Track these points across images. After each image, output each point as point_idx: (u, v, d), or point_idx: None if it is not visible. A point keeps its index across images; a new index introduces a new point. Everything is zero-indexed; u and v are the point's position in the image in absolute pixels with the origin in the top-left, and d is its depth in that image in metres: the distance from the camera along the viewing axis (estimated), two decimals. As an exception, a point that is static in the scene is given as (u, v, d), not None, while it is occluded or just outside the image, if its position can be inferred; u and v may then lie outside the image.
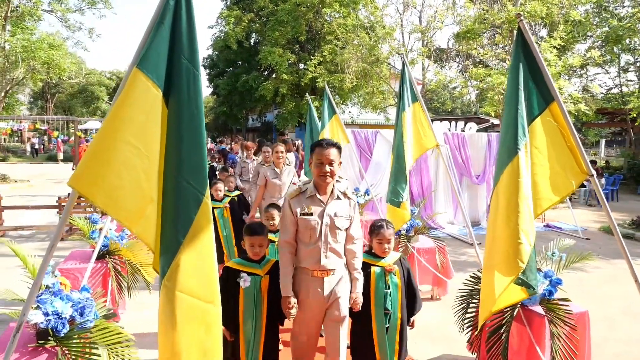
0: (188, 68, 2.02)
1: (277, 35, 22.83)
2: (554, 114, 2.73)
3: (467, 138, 10.09)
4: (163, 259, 2.08)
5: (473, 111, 32.53)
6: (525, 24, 2.61)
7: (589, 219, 11.40)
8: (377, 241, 3.32)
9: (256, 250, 3.12)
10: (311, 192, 2.96)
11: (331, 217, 2.94)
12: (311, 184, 3.00)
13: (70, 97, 41.73)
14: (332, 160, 2.86)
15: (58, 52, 15.53)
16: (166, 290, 2.06)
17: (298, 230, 2.97)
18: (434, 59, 19.38)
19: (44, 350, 2.76)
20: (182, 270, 2.04)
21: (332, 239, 2.95)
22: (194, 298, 2.09)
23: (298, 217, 2.93)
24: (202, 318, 2.13)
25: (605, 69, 20.82)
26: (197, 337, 2.12)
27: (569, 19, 14.95)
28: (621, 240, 2.71)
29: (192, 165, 2.05)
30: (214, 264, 2.18)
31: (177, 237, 2.04)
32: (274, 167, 5.94)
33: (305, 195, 2.97)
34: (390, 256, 3.35)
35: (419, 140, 4.87)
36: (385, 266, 3.27)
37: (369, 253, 3.38)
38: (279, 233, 3.12)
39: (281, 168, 5.94)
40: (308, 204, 2.94)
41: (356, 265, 3.09)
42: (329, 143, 2.94)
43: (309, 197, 2.96)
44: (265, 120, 34.82)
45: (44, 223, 9.03)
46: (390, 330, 3.20)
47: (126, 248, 4.67)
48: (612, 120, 22.99)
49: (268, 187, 5.91)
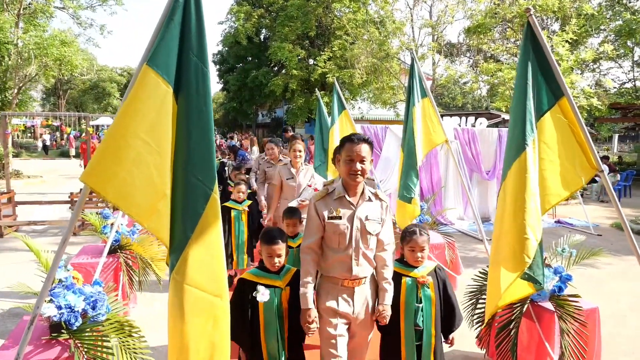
0: (197, 65, 2.04)
1: (286, 31, 22.81)
2: (563, 110, 2.71)
3: (478, 133, 10.02)
4: (172, 253, 2.13)
5: (484, 106, 32.31)
6: (534, 18, 2.59)
7: (601, 215, 11.28)
8: (409, 249, 2.98)
9: (274, 260, 2.81)
10: (339, 193, 2.70)
11: (362, 221, 2.68)
12: (339, 184, 2.74)
13: (81, 93, 42.15)
14: (363, 157, 2.58)
15: (70, 48, 15.66)
16: (175, 283, 2.11)
17: (325, 236, 2.71)
18: (444, 53, 19.27)
19: (57, 343, 2.81)
20: (191, 264, 2.09)
21: (363, 244, 2.69)
22: (202, 291, 2.13)
23: (325, 221, 2.66)
24: (210, 311, 2.16)
25: (618, 63, 20.54)
26: (205, 330, 2.15)
27: (582, 12, 14.78)
28: (631, 235, 2.69)
29: (201, 161, 2.08)
30: (222, 258, 2.21)
31: (185, 232, 2.08)
32: (290, 166, 5.41)
33: (333, 196, 2.71)
34: (424, 266, 3.00)
35: (428, 135, 4.86)
36: (417, 277, 2.93)
37: (400, 261, 3.05)
38: (302, 238, 2.84)
39: (298, 168, 5.37)
40: (336, 207, 2.68)
41: (386, 275, 2.78)
42: (360, 138, 2.63)
43: (337, 199, 2.70)
44: (275, 116, 34.87)
45: (57, 218, 9.13)
46: (424, 349, 2.86)
47: (137, 243, 4.72)
48: (626, 115, 22.68)
49: (283, 188, 5.41)
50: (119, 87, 42.51)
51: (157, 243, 4.93)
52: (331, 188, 2.74)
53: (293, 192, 5.31)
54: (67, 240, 1.90)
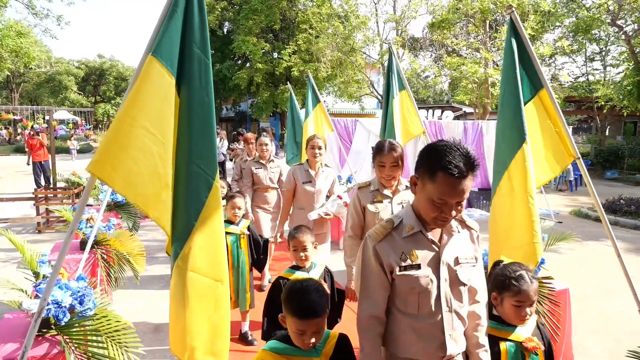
0: (200, 56, 2.08)
1: (250, 24, 22.65)
2: (543, 100, 2.88)
3: (444, 126, 10.30)
4: (176, 242, 2.16)
5: (445, 100, 33.02)
6: (517, 15, 2.73)
7: (560, 203, 11.81)
8: (515, 303, 2.04)
9: (308, 339, 1.83)
10: (412, 228, 1.80)
11: (451, 268, 1.81)
12: (407, 213, 1.84)
13: (36, 86, 40.48)
14: (464, 189, 1.64)
15: (27, 40, 15.06)
16: (179, 270, 2.16)
17: (394, 295, 1.83)
18: (408, 48, 19.57)
19: (44, 340, 2.76)
20: (194, 251, 2.14)
21: (457, 302, 1.82)
22: (204, 277, 2.20)
23: (396, 273, 1.77)
24: (211, 295, 2.23)
25: (572, 58, 21.42)
26: (207, 314, 2.22)
27: (538, 9, 15.33)
28: (606, 220, 2.87)
29: (203, 151, 2.13)
30: (222, 244, 2.28)
31: (189, 220, 2.13)
32: (307, 166, 4.42)
33: (402, 233, 1.80)
34: (528, 325, 2.13)
35: (406, 127, 4.98)
36: (523, 342, 2.07)
37: (494, 319, 2.14)
38: (359, 302, 1.91)
39: (317, 169, 4.42)
40: (410, 249, 1.78)
41: (481, 340, 1.92)
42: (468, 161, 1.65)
43: (410, 237, 1.80)
44: (239, 109, 34.54)
45: (20, 215, 8.82)
46: None
47: (114, 238, 4.64)
48: (579, 108, 23.74)
49: (297, 195, 4.42)
50: (76, 80, 41.05)
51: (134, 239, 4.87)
52: (396, 219, 1.84)
53: (311, 200, 4.37)
54: (73, 232, 1.89)
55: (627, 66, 16.66)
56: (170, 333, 2.28)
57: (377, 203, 3.12)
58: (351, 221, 3.22)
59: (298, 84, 23.03)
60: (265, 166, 5.34)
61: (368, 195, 3.17)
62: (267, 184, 5.34)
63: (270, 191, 5.43)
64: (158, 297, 5.16)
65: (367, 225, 3.11)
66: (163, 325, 4.46)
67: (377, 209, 3.11)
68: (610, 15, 15.85)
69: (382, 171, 3.06)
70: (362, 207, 3.17)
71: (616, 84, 17.84)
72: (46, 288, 2.08)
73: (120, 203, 6.30)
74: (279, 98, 24.13)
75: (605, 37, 19.05)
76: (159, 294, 5.25)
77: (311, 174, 4.38)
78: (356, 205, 3.19)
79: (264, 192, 5.39)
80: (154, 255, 6.60)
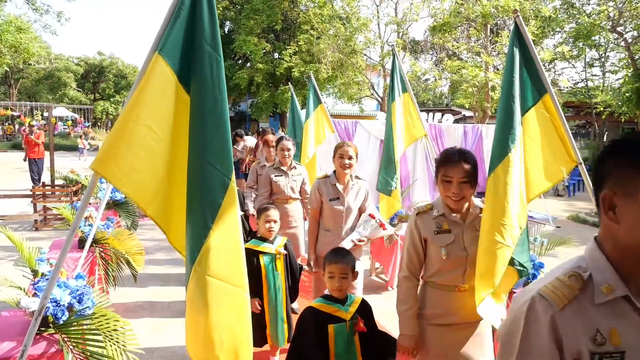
0: (210, 53, 2.03)
1: (252, 24, 22.63)
2: (546, 105, 2.87)
3: (444, 129, 10.31)
4: (192, 245, 2.07)
5: (445, 103, 33.08)
6: (521, 19, 2.72)
7: (558, 208, 11.84)
8: None
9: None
10: (611, 290, 1.07)
11: None
12: (596, 260, 1.14)
13: (35, 83, 40.36)
14: None
15: (26, 35, 15.02)
16: (197, 275, 2.05)
17: None
18: (409, 50, 19.58)
19: (42, 338, 2.74)
20: (212, 255, 2.04)
21: None
22: (224, 282, 2.09)
23: None
24: (232, 302, 2.12)
25: (572, 63, 21.47)
26: (229, 321, 2.11)
27: (539, 14, 15.36)
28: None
29: (217, 150, 2.05)
30: (241, 248, 2.17)
31: (206, 222, 2.04)
32: (334, 179, 3.70)
33: (593, 296, 1.09)
34: None
35: (409, 129, 4.99)
36: None
37: None
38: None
39: (346, 183, 3.70)
40: (608, 324, 1.08)
41: None
42: None
43: (609, 305, 1.08)
44: (239, 109, 34.52)
45: (17, 212, 8.79)
46: None
47: (113, 237, 4.63)
48: (578, 114, 23.79)
49: (323, 214, 3.75)
50: (75, 77, 40.92)
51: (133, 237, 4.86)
52: (584, 274, 1.14)
53: (339, 220, 3.70)
54: (75, 229, 1.87)
55: (627, 73, 16.70)
56: (187, 342, 2.17)
57: (443, 234, 2.37)
58: (407, 258, 2.46)
59: (298, 84, 23.04)
60: (287, 173, 4.78)
61: (430, 223, 2.39)
62: (288, 194, 4.77)
63: (292, 202, 4.83)
64: (155, 296, 5.15)
65: (429, 262, 2.43)
66: (162, 324, 4.45)
67: (442, 242, 2.37)
68: (610, 22, 15.89)
69: (449, 189, 2.30)
70: (422, 240, 2.42)
71: (615, 91, 17.89)
72: (47, 287, 2.06)
73: (119, 202, 6.28)
74: (279, 98, 24.13)
75: (605, 44, 19.11)
76: (157, 293, 5.24)
77: (339, 189, 3.66)
78: (414, 237, 2.44)
79: (285, 203, 4.77)
80: (152, 254, 6.58)
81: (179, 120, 2.05)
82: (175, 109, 2.06)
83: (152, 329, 4.39)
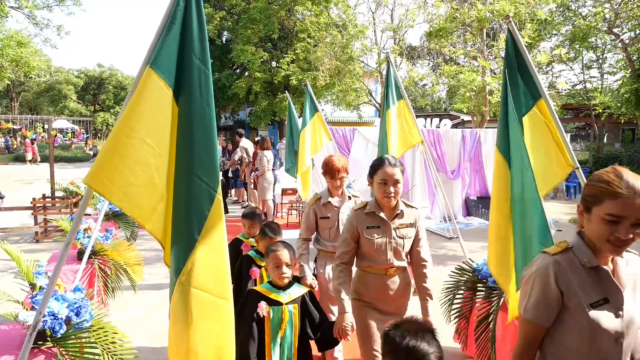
0: (199, 67, 2.05)
1: (249, 33, 22.72)
2: (541, 110, 2.88)
3: (442, 134, 10.32)
4: (177, 257, 2.09)
5: (443, 108, 33.11)
6: (513, 25, 2.73)
7: (559, 211, 11.81)
8: None
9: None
10: None
11: None
12: None
13: (36, 95, 40.57)
14: None
15: (27, 49, 15.09)
16: (181, 287, 2.07)
17: None
18: (405, 56, 19.63)
19: (40, 352, 2.74)
20: (197, 267, 2.06)
21: None
22: (208, 294, 2.10)
23: None
24: (216, 313, 2.14)
25: (569, 66, 21.53)
26: (213, 333, 2.13)
27: (535, 18, 15.41)
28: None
29: (204, 163, 2.07)
30: (226, 260, 2.19)
31: (192, 234, 2.06)
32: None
33: None
34: None
35: (405, 136, 4.98)
36: None
37: None
38: None
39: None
40: None
41: None
42: None
43: None
44: (237, 118, 34.58)
45: (17, 225, 8.80)
46: None
47: (111, 248, 4.63)
48: (577, 116, 23.82)
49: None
50: (75, 90, 41.11)
51: (131, 249, 4.86)
52: None
53: None
54: (70, 243, 1.88)
55: (625, 74, 16.74)
56: (170, 355, 2.18)
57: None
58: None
59: (296, 92, 23.09)
60: None
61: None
62: None
63: None
64: (155, 307, 5.13)
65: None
66: (160, 336, 4.43)
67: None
68: (606, 24, 15.95)
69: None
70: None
71: (613, 92, 17.92)
72: (42, 301, 2.06)
73: (118, 213, 6.29)
74: (278, 107, 24.18)
75: (602, 45, 19.17)
76: (156, 304, 5.22)
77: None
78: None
79: None
80: (151, 264, 6.57)
81: (175, 134, 2.06)
82: (172, 122, 2.07)
83: (150, 340, 4.38)
